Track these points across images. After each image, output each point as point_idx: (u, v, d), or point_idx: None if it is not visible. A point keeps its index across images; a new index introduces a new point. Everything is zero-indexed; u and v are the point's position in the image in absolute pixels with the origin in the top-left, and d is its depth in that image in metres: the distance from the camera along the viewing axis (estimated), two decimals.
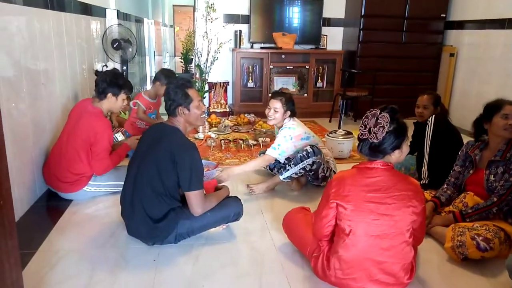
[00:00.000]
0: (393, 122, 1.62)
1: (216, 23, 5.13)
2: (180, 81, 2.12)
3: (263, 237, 2.30)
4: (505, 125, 2.14)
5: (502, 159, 2.17)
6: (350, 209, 1.66)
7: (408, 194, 1.66)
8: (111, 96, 2.67)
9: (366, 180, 1.67)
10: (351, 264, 1.69)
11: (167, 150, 1.99)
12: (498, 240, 2.00)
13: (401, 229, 1.65)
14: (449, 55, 5.27)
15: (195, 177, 1.99)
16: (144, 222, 2.06)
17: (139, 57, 6.83)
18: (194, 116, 2.12)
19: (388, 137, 1.61)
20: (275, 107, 2.88)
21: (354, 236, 1.66)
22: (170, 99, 2.08)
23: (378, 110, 1.63)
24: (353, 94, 5.03)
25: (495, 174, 2.18)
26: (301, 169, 2.80)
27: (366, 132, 1.64)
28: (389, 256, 1.66)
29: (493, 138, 2.25)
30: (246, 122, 4.77)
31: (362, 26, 5.15)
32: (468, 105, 4.94)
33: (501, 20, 4.41)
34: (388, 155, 1.66)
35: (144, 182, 2.04)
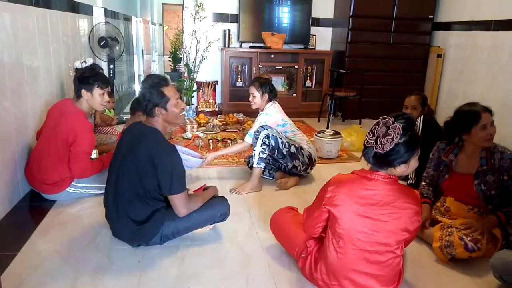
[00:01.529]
0: (406, 134, 1.49)
1: (205, 22, 5.10)
2: (154, 79, 2.03)
3: (250, 238, 2.29)
4: (486, 136, 2.08)
5: (490, 168, 2.12)
6: (341, 220, 1.60)
7: (406, 212, 1.56)
8: (86, 93, 2.58)
9: (362, 191, 1.58)
10: (337, 272, 1.67)
11: (146, 154, 1.93)
12: (486, 241, 2.01)
13: (392, 247, 1.59)
14: (436, 56, 5.31)
15: (176, 180, 1.95)
16: (128, 225, 2.03)
17: (127, 55, 6.76)
18: (172, 115, 2.05)
19: (397, 149, 1.49)
20: (252, 93, 3.05)
21: (342, 247, 1.62)
22: (145, 99, 1.99)
23: (391, 119, 1.51)
24: (342, 94, 5.05)
25: (485, 183, 2.13)
26: (263, 147, 2.83)
27: (372, 141, 1.52)
28: (376, 269, 1.62)
29: (470, 146, 2.18)
30: (234, 121, 4.75)
31: (351, 27, 5.17)
32: (455, 105, 4.88)
33: (488, 22, 4.46)
34: (392, 168, 1.55)
35: (125, 186, 2.00)
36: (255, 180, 2.90)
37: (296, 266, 1.97)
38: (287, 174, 3.10)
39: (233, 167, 3.45)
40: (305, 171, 3.09)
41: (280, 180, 3.00)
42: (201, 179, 3.10)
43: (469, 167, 2.20)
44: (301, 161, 2.99)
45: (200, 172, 3.24)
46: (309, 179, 3.20)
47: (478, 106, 2.13)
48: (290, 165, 2.99)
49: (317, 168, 3.29)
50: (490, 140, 2.10)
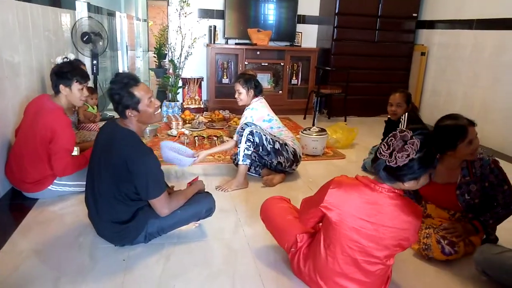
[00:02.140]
0: (422, 151, 1.42)
1: (190, 17, 5.05)
2: (123, 79, 1.90)
3: (236, 235, 2.28)
4: (471, 151, 1.99)
5: (472, 178, 2.08)
6: (335, 226, 1.56)
7: (404, 230, 1.51)
8: (64, 88, 2.51)
9: (363, 203, 1.51)
10: (324, 273, 1.67)
11: (120, 158, 1.86)
12: (463, 243, 2.04)
13: (382, 260, 1.58)
14: (420, 54, 5.38)
15: (152, 184, 1.90)
16: (111, 226, 2.00)
17: (111, 51, 6.66)
18: (146, 115, 1.96)
19: (411, 165, 1.43)
20: (237, 89, 3.05)
21: (332, 251, 1.61)
22: (115, 101, 1.89)
23: (409, 133, 1.43)
24: (327, 91, 5.07)
25: (469, 192, 2.09)
26: (247, 144, 2.83)
27: (386, 154, 1.45)
28: (364, 276, 1.61)
29: (453, 160, 2.08)
30: (220, 118, 4.73)
31: (336, 24, 5.19)
32: (438, 103, 5.06)
33: (470, 20, 4.53)
34: (401, 183, 1.49)
35: (101, 190, 1.96)
36: (241, 177, 2.90)
37: (283, 263, 1.98)
38: (273, 171, 3.10)
39: (219, 164, 3.44)
40: (290, 168, 3.10)
41: (266, 177, 3.00)
42: (186, 177, 3.06)
43: (448, 177, 2.13)
44: (285, 158, 2.99)
45: (186, 169, 3.20)
46: (295, 176, 3.21)
47: (462, 120, 2.01)
48: (275, 162, 2.99)
49: (303, 165, 3.30)
50: (474, 153, 2.03)
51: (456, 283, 1.93)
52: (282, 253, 2.05)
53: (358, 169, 3.41)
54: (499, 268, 1.81)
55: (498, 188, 2.06)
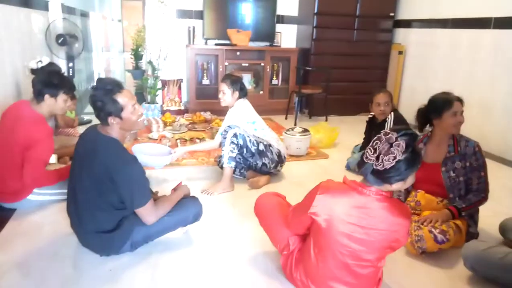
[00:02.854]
0: (407, 151, 1.42)
1: (168, 18, 4.97)
2: (107, 86, 1.84)
3: (224, 241, 2.24)
4: (455, 123, 2.18)
5: (457, 153, 2.21)
6: (325, 231, 1.55)
7: (394, 232, 1.51)
8: (49, 98, 2.40)
9: (351, 207, 1.51)
10: (316, 278, 1.66)
11: (103, 168, 1.80)
12: (452, 231, 2.09)
13: (373, 262, 1.58)
14: (397, 53, 5.46)
15: (138, 193, 1.85)
16: (95, 236, 1.94)
17: (85, 53, 6.48)
18: (129, 122, 1.90)
19: (398, 167, 1.43)
20: (222, 90, 3.00)
21: (323, 256, 1.60)
22: (97, 108, 1.83)
23: (394, 135, 1.43)
24: (308, 91, 5.08)
25: (454, 169, 2.21)
26: (231, 146, 2.80)
27: (373, 158, 1.45)
28: (355, 279, 1.61)
29: (439, 133, 2.27)
30: (202, 120, 4.67)
31: (316, 24, 5.21)
32: (416, 101, 5.07)
33: (445, 20, 4.62)
34: (388, 184, 1.49)
35: (85, 201, 1.89)
36: (226, 180, 2.86)
37: (274, 268, 1.96)
38: (258, 173, 3.08)
39: (203, 167, 3.39)
40: (275, 169, 3.08)
41: (252, 179, 2.98)
42: (168, 181, 3.00)
43: (437, 156, 2.28)
44: (270, 159, 2.98)
45: (168, 174, 3.14)
46: (280, 177, 3.19)
47: (452, 95, 2.23)
48: (259, 163, 2.97)
49: (287, 165, 3.29)
50: (457, 127, 2.19)
51: (446, 281, 1.96)
52: (273, 257, 2.03)
53: (342, 169, 3.42)
54: (486, 263, 1.85)
55: (475, 172, 2.19)
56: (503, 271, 1.81)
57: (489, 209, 2.31)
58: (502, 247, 1.90)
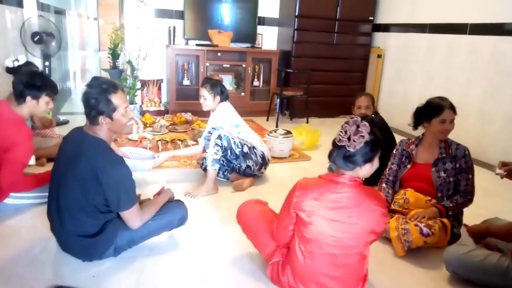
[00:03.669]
0: (371, 134, 1.54)
1: (148, 17, 4.89)
2: (103, 85, 1.81)
3: (210, 243, 2.22)
4: (441, 130, 2.28)
5: (448, 155, 2.31)
6: (309, 224, 1.59)
7: (373, 214, 1.59)
8: (31, 100, 2.32)
9: (330, 195, 1.59)
10: (304, 276, 1.67)
11: (89, 169, 1.75)
12: (438, 226, 2.15)
13: (359, 248, 1.63)
14: (376, 56, 5.55)
15: (124, 195, 1.81)
16: (77, 240, 1.87)
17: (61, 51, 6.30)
18: (118, 124, 1.88)
19: (364, 148, 1.54)
20: (203, 95, 2.96)
21: (310, 251, 1.63)
22: (89, 106, 1.79)
23: (359, 118, 1.56)
24: (289, 93, 5.10)
25: (444, 170, 2.32)
26: (216, 148, 2.78)
27: (345, 139, 1.54)
28: (343, 272, 1.65)
29: (428, 136, 2.39)
30: (183, 121, 4.62)
31: (296, 27, 5.24)
32: (395, 104, 5.25)
33: (423, 24, 4.73)
34: (358, 167, 1.58)
35: (67, 202, 1.83)
36: (210, 183, 2.83)
37: (259, 270, 1.94)
38: (242, 175, 3.06)
39: (185, 169, 3.34)
40: (259, 171, 3.07)
41: (236, 181, 2.96)
42: (149, 184, 2.94)
43: (428, 157, 2.38)
44: (254, 161, 2.97)
45: (149, 176, 3.08)
46: (264, 179, 3.19)
47: (446, 102, 2.29)
48: (243, 166, 2.95)
49: (271, 167, 3.28)
50: (444, 134, 2.30)
51: (429, 282, 1.99)
52: (258, 260, 2.02)
53: (324, 170, 3.44)
54: (467, 267, 1.90)
55: (464, 174, 2.29)
56: (483, 273, 1.86)
57: (470, 210, 2.37)
58: (481, 250, 1.94)
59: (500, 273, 1.82)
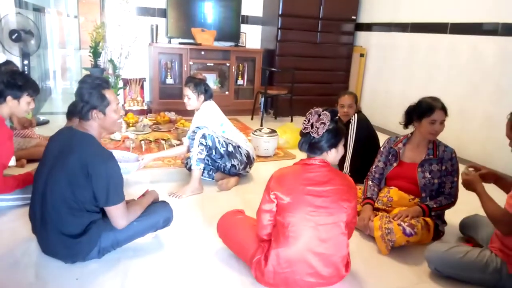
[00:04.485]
0: (332, 122, 1.72)
1: (130, 15, 4.83)
2: (96, 80, 1.86)
3: (195, 243, 2.20)
4: (431, 130, 2.30)
5: (435, 157, 2.34)
6: (289, 201, 1.72)
7: (343, 188, 1.77)
8: (11, 100, 2.29)
9: (305, 174, 1.76)
10: (290, 256, 1.72)
11: (79, 162, 1.75)
12: (420, 226, 2.19)
13: (337, 221, 1.74)
14: (359, 55, 5.61)
15: (113, 190, 1.80)
16: (60, 240, 1.84)
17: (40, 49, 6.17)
18: (110, 121, 1.90)
19: (327, 134, 1.72)
20: (187, 94, 2.95)
21: (293, 228, 1.71)
22: (83, 100, 1.82)
23: (320, 109, 1.73)
24: (274, 92, 5.11)
25: (430, 171, 2.34)
26: (200, 148, 2.77)
27: (308, 126, 1.72)
28: (327, 248, 1.74)
29: (418, 135, 2.40)
30: (166, 120, 4.58)
31: (280, 25, 5.24)
32: (377, 102, 5.32)
33: (405, 24, 4.80)
34: (325, 153, 1.76)
35: (54, 198, 1.80)
36: (195, 182, 2.81)
37: (246, 269, 1.94)
38: (227, 175, 3.05)
39: (169, 169, 3.31)
40: (244, 170, 3.07)
41: (221, 181, 2.95)
42: (133, 185, 2.89)
43: (415, 156, 2.40)
44: (239, 160, 2.96)
45: (132, 177, 3.02)
46: (249, 178, 3.19)
47: (438, 103, 2.31)
48: (228, 165, 2.95)
49: (256, 166, 3.29)
50: (433, 135, 2.32)
51: (413, 277, 2.03)
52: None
53: None
54: (448, 264, 1.94)
55: (449, 177, 2.32)
56: (464, 269, 1.90)
57: None
58: (462, 247, 1.99)
59: (480, 268, 1.86)
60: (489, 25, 3.75)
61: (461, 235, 2.44)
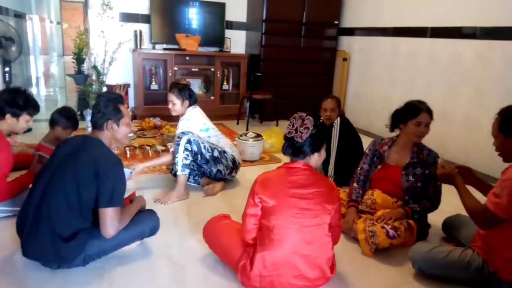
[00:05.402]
0: (316, 127, 1.75)
1: (113, 21, 4.81)
2: (112, 95, 2.07)
3: (181, 250, 2.20)
4: (416, 132, 2.33)
5: (419, 160, 2.37)
6: (274, 204, 1.74)
7: (325, 191, 1.80)
8: (10, 117, 2.31)
9: (289, 177, 1.78)
10: (276, 259, 1.73)
11: (90, 161, 1.84)
12: (404, 228, 2.22)
13: (321, 223, 1.77)
14: (342, 60, 5.67)
15: (117, 193, 1.85)
16: (51, 240, 1.81)
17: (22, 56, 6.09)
18: (122, 133, 2.02)
19: (310, 139, 1.75)
20: (171, 100, 2.95)
21: (278, 231, 1.72)
22: (100, 112, 1.96)
23: (304, 114, 1.77)
24: (259, 97, 5.13)
25: (413, 175, 2.36)
26: (185, 153, 2.76)
27: (293, 131, 1.75)
28: (312, 250, 1.75)
29: (403, 137, 2.43)
30: (151, 126, 4.55)
31: (264, 31, 5.28)
32: (360, 106, 5.38)
33: (386, 28, 4.89)
34: (308, 157, 1.80)
35: (58, 193, 1.81)
36: (181, 188, 2.80)
37: (233, 275, 1.94)
38: (213, 180, 3.05)
39: (154, 175, 3.30)
40: (230, 175, 3.07)
41: (207, 186, 2.95)
42: None
43: (399, 159, 2.43)
44: (225, 165, 2.97)
45: None
46: (235, 183, 3.19)
47: (424, 105, 2.35)
48: (214, 170, 2.95)
49: (242, 170, 3.29)
50: (419, 137, 2.36)
51: (397, 277, 2.06)
52: None
53: None
54: (432, 264, 1.97)
55: (433, 181, 2.34)
56: (447, 268, 1.94)
57: None
58: (444, 247, 2.02)
59: (462, 267, 1.90)
60: (467, 29, 3.85)
61: (444, 235, 2.48)
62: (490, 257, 1.87)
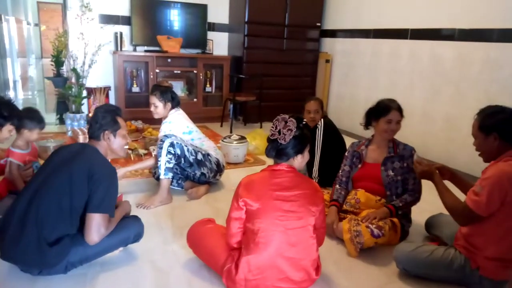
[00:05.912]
0: (298, 129, 1.76)
1: (93, 23, 4.72)
2: (110, 107, 2.12)
3: (165, 255, 2.16)
4: (387, 129, 2.40)
5: (396, 154, 2.43)
6: (258, 207, 1.73)
7: (310, 192, 1.80)
8: None
9: (273, 180, 1.78)
10: (261, 263, 1.72)
11: (86, 166, 1.84)
12: (388, 227, 2.24)
13: (306, 225, 1.77)
14: (325, 61, 5.71)
15: (107, 200, 1.85)
16: (35, 243, 1.75)
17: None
18: (118, 144, 2.06)
19: (293, 141, 1.76)
20: (153, 103, 2.92)
21: (263, 233, 1.72)
22: (98, 122, 2.00)
23: (287, 116, 1.77)
24: (242, 99, 5.12)
25: (393, 169, 2.42)
26: (168, 157, 2.73)
27: (276, 133, 1.76)
28: (297, 252, 1.75)
29: (377, 135, 2.50)
30: (133, 129, 4.48)
31: (247, 33, 5.27)
32: (343, 107, 5.42)
33: (367, 30, 4.94)
34: (291, 159, 1.80)
35: (51, 194, 1.79)
36: (164, 192, 2.77)
37: (217, 279, 1.92)
38: (197, 183, 3.02)
39: (136, 179, 3.25)
40: (214, 178, 3.05)
41: (191, 189, 2.91)
42: None
43: (377, 156, 2.49)
44: (209, 168, 2.94)
45: None
46: (219, 186, 3.17)
47: (394, 104, 2.42)
48: (198, 173, 2.92)
49: (226, 173, 3.27)
50: (389, 134, 2.42)
51: (382, 277, 2.07)
52: None
53: None
54: (415, 263, 1.99)
55: (411, 173, 2.39)
56: (430, 267, 1.96)
57: (416, 206, 2.48)
58: (428, 246, 2.05)
59: (445, 266, 1.93)
60: (446, 31, 3.92)
61: (427, 234, 2.51)
62: (472, 255, 1.90)
